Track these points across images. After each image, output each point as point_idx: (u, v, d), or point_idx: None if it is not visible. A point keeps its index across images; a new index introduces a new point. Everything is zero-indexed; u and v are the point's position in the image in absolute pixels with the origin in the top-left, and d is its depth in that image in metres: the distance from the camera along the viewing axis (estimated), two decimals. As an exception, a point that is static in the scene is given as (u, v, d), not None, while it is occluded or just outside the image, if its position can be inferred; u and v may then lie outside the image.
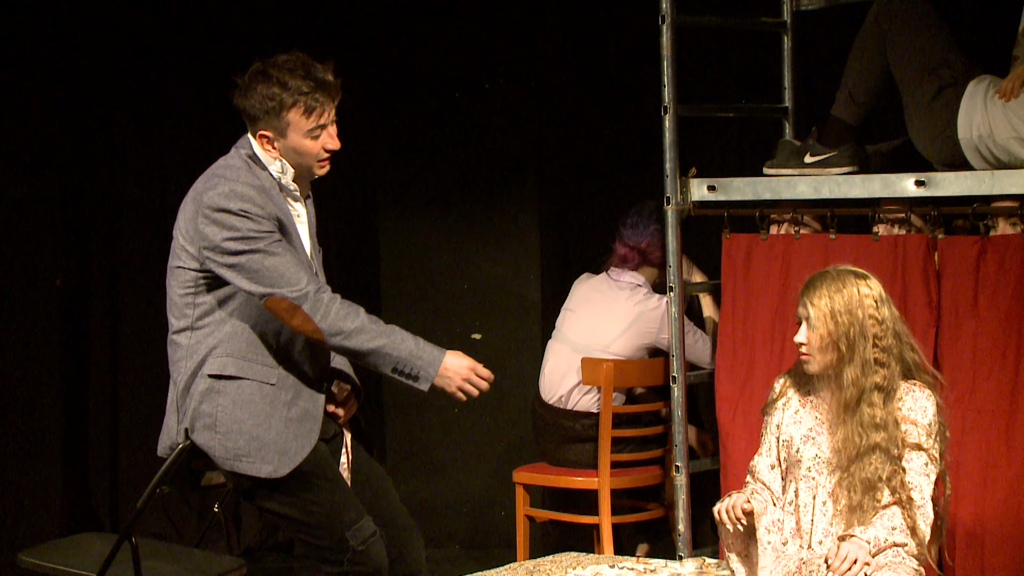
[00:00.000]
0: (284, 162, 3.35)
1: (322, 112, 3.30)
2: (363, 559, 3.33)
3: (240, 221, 3.24)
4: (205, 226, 3.27)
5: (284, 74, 3.28)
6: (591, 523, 4.77)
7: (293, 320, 3.24)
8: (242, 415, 3.30)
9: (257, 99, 3.30)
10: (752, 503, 3.40)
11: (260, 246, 3.24)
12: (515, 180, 5.55)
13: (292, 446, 3.30)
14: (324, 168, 3.39)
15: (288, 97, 3.28)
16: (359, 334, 3.26)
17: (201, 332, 3.33)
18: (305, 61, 3.31)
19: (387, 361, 3.27)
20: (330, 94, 3.31)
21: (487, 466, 5.58)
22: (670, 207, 4.44)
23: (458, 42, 5.55)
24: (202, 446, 3.32)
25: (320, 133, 3.33)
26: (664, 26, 4.36)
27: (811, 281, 3.42)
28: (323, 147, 3.35)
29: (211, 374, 3.31)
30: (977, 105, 3.99)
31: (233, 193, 3.26)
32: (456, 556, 5.55)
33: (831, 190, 4.23)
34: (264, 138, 3.34)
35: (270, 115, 3.30)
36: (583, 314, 4.85)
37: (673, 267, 4.44)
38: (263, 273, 3.24)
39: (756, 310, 4.41)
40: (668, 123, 4.39)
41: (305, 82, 3.28)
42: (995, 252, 4.02)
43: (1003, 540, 3.99)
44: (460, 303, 5.62)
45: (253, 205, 3.26)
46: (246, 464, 3.29)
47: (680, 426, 4.44)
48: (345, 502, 3.35)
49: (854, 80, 4.21)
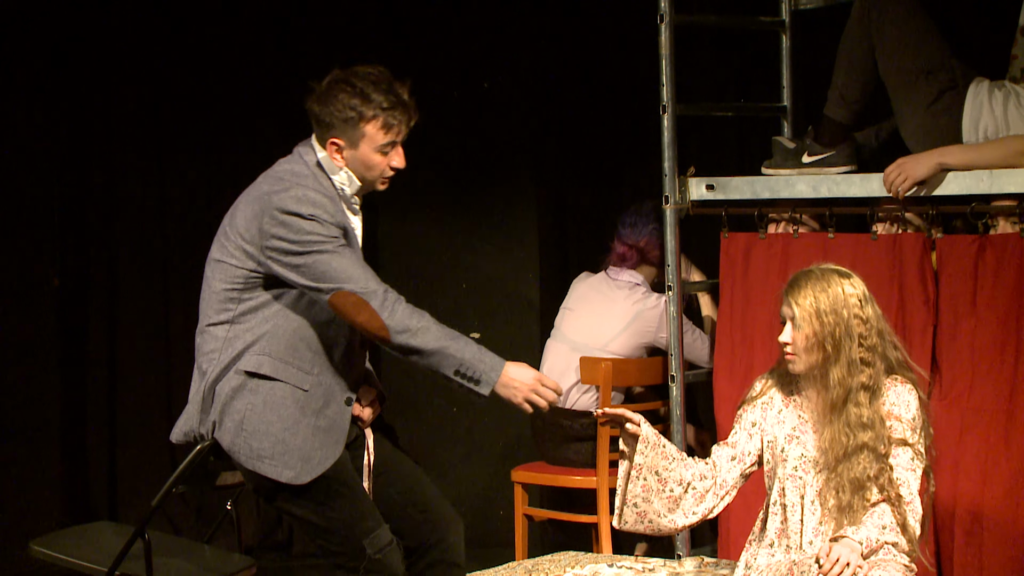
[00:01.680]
0: (350, 173, 3.36)
1: (398, 130, 3.33)
2: (379, 567, 3.32)
3: (310, 225, 3.25)
4: (272, 227, 3.26)
5: (368, 86, 3.31)
6: (590, 522, 4.76)
7: (360, 316, 3.23)
8: (271, 417, 3.28)
9: (336, 107, 3.31)
10: (643, 429, 3.40)
11: (328, 247, 3.25)
12: (513, 179, 5.55)
13: (317, 455, 3.30)
14: (385, 185, 3.42)
15: (368, 110, 3.30)
16: (425, 332, 3.26)
17: (241, 327, 3.31)
18: (388, 76, 3.34)
19: (450, 363, 3.26)
20: (408, 114, 3.34)
21: (486, 465, 5.58)
22: (669, 206, 4.44)
23: (456, 41, 5.54)
24: (226, 443, 3.30)
25: (390, 150, 3.35)
26: (663, 25, 4.36)
27: (795, 280, 3.40)
28: (390, 164, 3.37)
29: (246, 370, 3.29)
30: (983, 107, 3.99)
31: (305, 198, 3.26)
32: (455, 555, 5.54)
33: (829, 189, 4.23)
34: (334, 146, 3.35)
35: (347, 124, 3.31)
36: (582, 313, 4.85)
37: (672, 266, 4.43)
38: (330, 272, 3.23)
39: (754, 309, 4.41)
40: (667, 122, 4.39)
41: (387, 97, 3.31)
42: (993, 251, 4.02)
43: (1002, 538, 3.98)
44: (458, 302, 5.61)
45: (324, 211, 3.27)
46: (268, 466, 3.28)
47: (679, 425, 4.44)
48: (364, 510, 3.34)
49: (844, 80, 4.22)
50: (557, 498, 4.99)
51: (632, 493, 3.43)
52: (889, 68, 4.12)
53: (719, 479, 3.48)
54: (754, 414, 3.48)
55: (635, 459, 3.42)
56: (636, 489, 3.42)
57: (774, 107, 4.75)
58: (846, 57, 4.21)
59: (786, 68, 4.73)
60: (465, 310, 5.60)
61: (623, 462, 3.46)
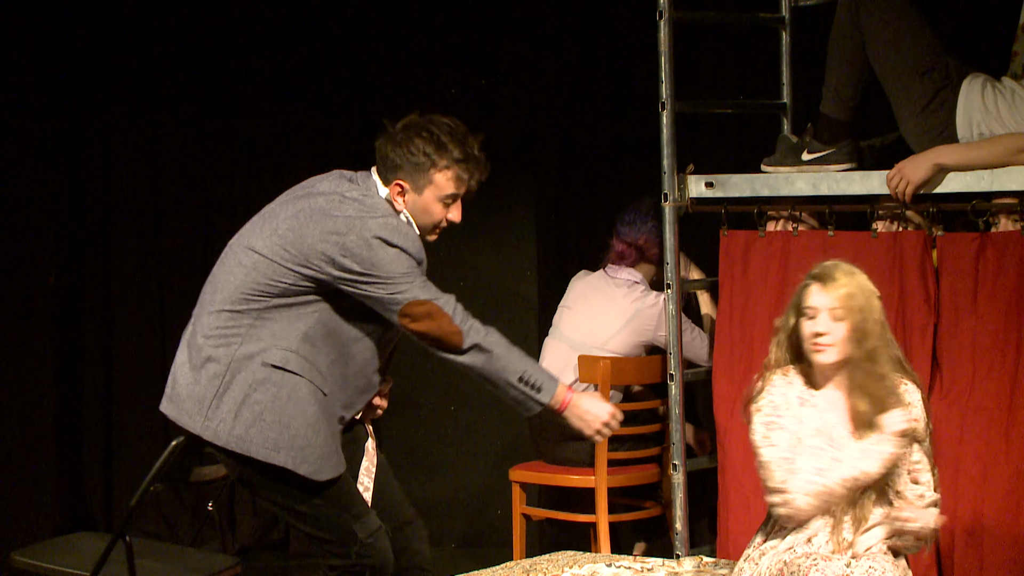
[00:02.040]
0: (409, 216, 3.37)
1: (466, 185, 3.36)
2: (370, 551, 3.32)
3: (393, 255, 3.26)
4: (358, 247, 3.26)
5: (445, 136, 3.33)
6: (588, 522, 4.75)
7: (436, 321, 3.26)
8: (293, 411, 3.27)
9: (411, 150, 3.32)
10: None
11: (403, 279, 3.27)
12: (512, 176, 5.53)
13: (334, 458, 3.31)
14: (434, 237, 3.43)
15: (442, 159, 3.32)
16: (493, 336, 3.33)
17: (271, 322, 3.29)
18: (465, 130, 3.37)
19: (516, 368, 3.31)
20: (479, 170, 3.37)
21: (483, 464, 5.57)
22: (668, 204, 4.42)
23: (454, 38, 5.53)
24: (240, 435, 3.26)
25: (452, 203, 3.37)
26: (662, 22, 4.34)
27: (827, 272, 3.39)
28: (447, 216, 3.39)
29: (273, 364, 3.28)
30: (975, 103, 3.98)
31: (398, 229, 3.29)
32: (452, 555, 5.53)
33: (830, 187, 4.22)
34: (398, 188, 3.35)
35: (417, 169, 3.33)
36: (580, 311, 4.84)
37: (670, 264, 4.42)
38: (410, 289, 3.27)
39: (754, 307, 4.40)
40: (666, 119, 4.37)
41: (462, 150, 3.34)
42: (994, 249, 4.02)
43: (1002, 538, 3.98)
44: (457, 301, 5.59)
45: (412, 245, 3.31)
46: (284, 456, 3.26)
47: (677, 424, 4.43)
48: (352, 494, 3.35)
49: (837, 77, 4.21)
50: (555, 497, 4.99)
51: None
52: (883, 68, 4.11)
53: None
54: (773, 412, 3.43)
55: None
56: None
57: (774, 104, 4.74)
58: (837, 55, 4.20)
59: (786, 65, 4.72)
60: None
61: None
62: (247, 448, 3.27)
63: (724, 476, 4.45)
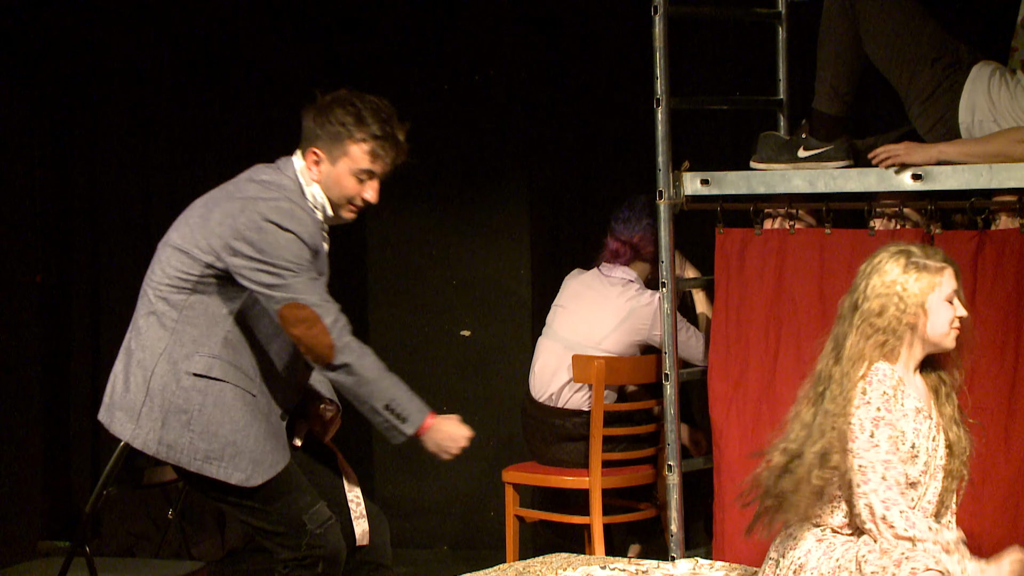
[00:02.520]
0: (320, 191, 3.35)
1: (382, 163, 3.34)
2: (321, 542, 3.31)
3: (286, 238, 3.24)
4: (248, 230, 3.25)
5: (367, 111, 3.32)
6: (582, 523, 4.73)
7: (311, 329, 3.23)
8: (221, 418, 3.28)
9: (329, 120, 3.31)
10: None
11: (292, 265, 3.24)
12: (505, 173, 5.52)
13: (268, 458, 3.29)
14: (351, 214, 3.41)
15: (358, 132, 3.31)
16: (367, 358, 3.28)
17: (187, 327, 3.30)
18: (392, 111, 3.35)
19: (384, 396, 3.29)
20: (396, 151, 3.35)
21: (476, 466, 5.55)
22: (663, 201, 4.40)
23: (447, 33, 5.50)
24: (170, 443, 3.28)
25: (366, 179, 3.35)
26: (657, 17, 4.32)
27: (946, 255, 3.30)
28: (362, 195, 3.37)
29: (196, 373, 3.28)
30: (980, 90, 3.97)
31: (292, 214, 3.27)
32: (445, 557, 5.53)
33: (827, 184, 4.20)
34: (314, 156, 3.34)
35: (334, 139, 3.32)
36: (574, 310, 4.82)
37: (666, 262, 4.40)
38: (293, 285, 3.23)
39: (750, 306, 4.38)
40: (661, 116, 4.35)
41: (382, 128, 3.32)
42: (993, 247, 4.01)
43: (1002, 539, 3.95)
44: (449, 299, 5.58)
45: (305, 231, 3.27)
46: (216, 467, 3.27)
47: (673, 424, 4.41)
48: (300, 486, 3.34)
49: (833, 72, 4.19)
50: (549, 499, 4.97)
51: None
52: (887, 58, 4.09)
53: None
54: (902, 417, 3.28)
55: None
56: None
57: (770, 100, 4.73)
58: (831, 49, 4.18)
59: (782, 61, 4.71)
60: (455, 307, 5.57)
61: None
62: (178, 458, 3.29)
63: (720, 477, 4.43)
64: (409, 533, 5.61)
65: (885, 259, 3.29)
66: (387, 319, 5.67)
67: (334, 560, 3.33)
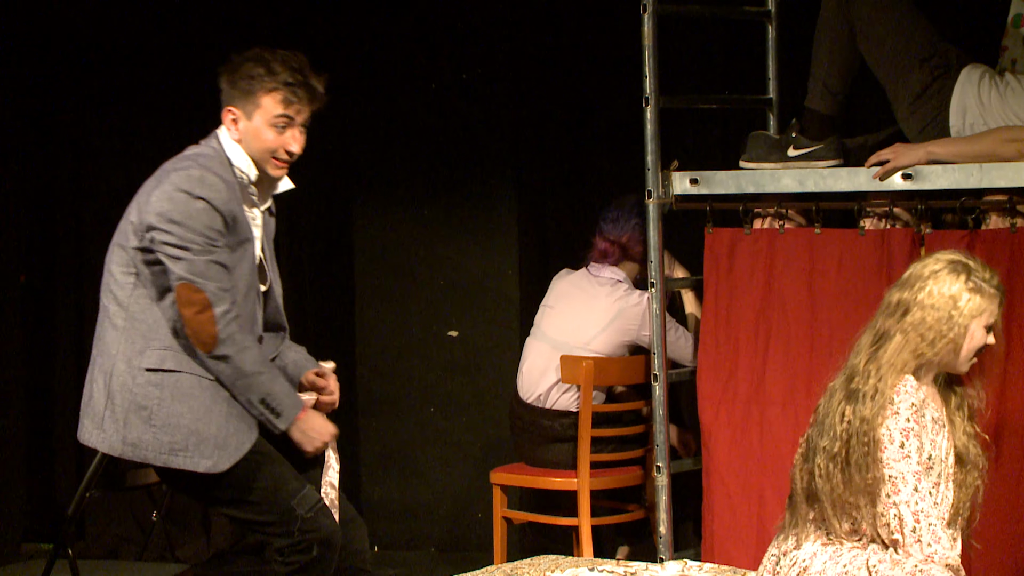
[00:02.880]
0: (247, 158, 3.34)
1: (295, 107, 3.33)
2: (314, 526, 3.30)
3: (197, 211, 3.25)
4: (161, 202, 3.27)
5: (275, 62, 3.32)
6: (570, 525, 4.71)
7: (200, 314, 3.24)
8: (180, 408, 3.28)
9: (240, 75, 3.32)
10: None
11: (200, 239, 3.25)
12: (493, 172, 5.50)
13: (232, 441, 3.29)
14: (280, 169, 3.39)
15: (268, 81, 3.31)
16: (247, 352, 3.29)
17: (136, 323, 3.30)
18: (301, 61, 3.35)
19: (260, 390, 3.29)
20: (310, 96, 3.34)
21: (464, 467, 5.53)
22: (651, 201, 4.38)
23: (435, 31, 5.48)
24: (134, 442, 3.28)
25: (285, 126, 3.34)
26: (646, 15, 4.30)
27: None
28: (284, 146, 3.35)
29: (148, 368, 3.28)
30: (970, 93, 3.97)
31: (202, 180, 3.27)
32: (432, 559, 5.51)
33: (816, 183, 4.19)
34: (230, 114, 3.36)
35: (246, 94, 3.32)
36: (562, 311, 4.80)
37: (654, 262, 4.38)
38: (196, 264, 3.24)
39: (739, 306, 4.36)
40: (650, 115, 4.33)
41: (292, 75, 3.32)
42: (983, 247, 3.99)
43: (992, 542, 3.93)
44: (436, 299, 5.56)
45: (217, 196, 3.27)
46: (182, 459, 3.27)
47: (661, 425, 4.39)
48: (285, 472, 3.33)
49: (826, 70, 4.18)
50: (537, 500, 4.96)
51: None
52: (879, 57, 4.08)
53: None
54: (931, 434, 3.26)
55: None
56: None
57: (760, 99, 4.71)
58: (826, 47, 4.17)
59: (772, 59, 4.69)
60: (442, 308, 5.55)
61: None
62: (144, 455, 3.29)
63: (709, 478, 4.41)
64: (396, 535, 5.59)
65: (945, 270, 3.21)
66: (374, 319, 5.65)
67: (328, 543, 3.32)
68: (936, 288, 3.19)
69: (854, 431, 3.19)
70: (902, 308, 3.22)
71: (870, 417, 3.17)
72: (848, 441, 3.18)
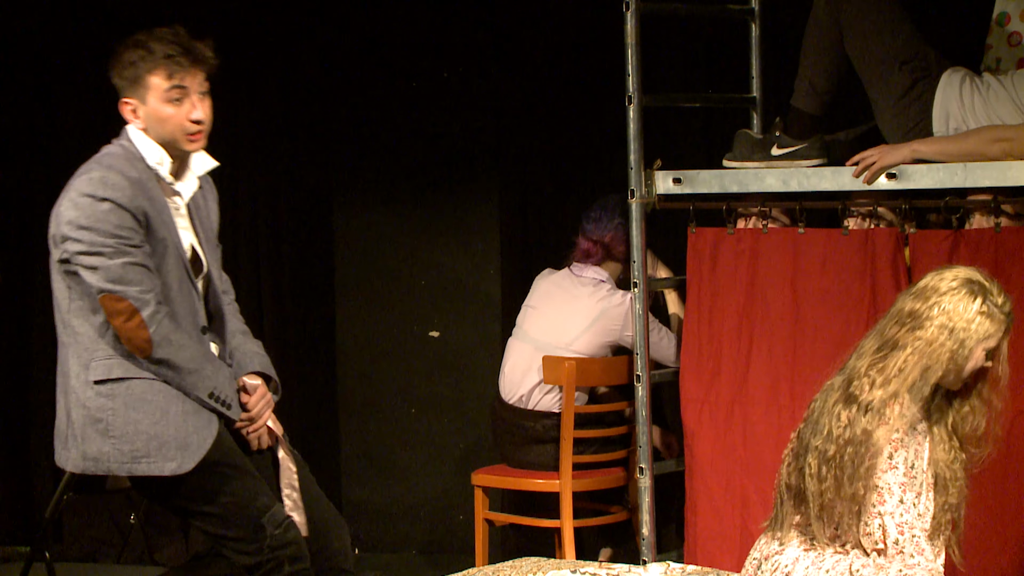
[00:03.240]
0: (157, 146, 3.29)
1: (183, 76, 3.27)
2: (282, 543, 3.26)
3: (103, 212, 3.19)
4: (68, 210, 3.22)
5: (152, 41, 3.28)
6: (552, 527, 4.69)
7: (128, 323, 3.20)
8: (136, 415, 3.23)
9: (122, 65, 3.28)
10: None
11: (111, 242, 3.20)
12: (475, 171, 5.48)
13: (193, 439, 3.24)
14: (195, 143, 3.32)
15: (150, 60, 3.27)
16: (185, 350, 3.24)
17: (78, 336, 3.26)
18: (178, 32, 3.31)
19: (206, 385, 3.25)
20: (196, 60, 3.29)
21: (445, 468, 5.51)
22: (634, 200, 4.37)
23: (415, 29, 5.45)
24: (95, 456, 3.25)
25: (181, 97, 3.28)
26: (628, 13, 4.29)
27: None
28: (188, 116, 3.29)
29: (97, 380, 3.24)
30: (952, 97, 3.96)
31: (104, 181, 3.22)
32: (413, 561, 5.49)
33: (800, 183, 4.17)
34: (128, 106, 3.31)
35: (134, 81, 3.28)
36: (544, 311, 4.77)
37: (637, 262, 4.36)
38: (112, 270, 3.19)
39: (723, 307, 4.35)
40: (632, 113, 4.31)
41: (171, 47, 3.27)
42: (968, 247, 3.99)
43: (979, 545, 3.92)
44: (417, 300, 5.54)
45: (122, 195, 3.21)
46: (145, 465, 3.22)
47: (644, 426, 4.37)
48: (256, 489, 3.29)
49: (813, 70, 4.17)
50: (519, 502, 4.93)
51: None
52: (862, 57, 4.07)
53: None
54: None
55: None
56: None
57: (743, 98, 4.69)
58: (814, 46, 4.16)
59: (755, 58, 4.68)
60: (424, 308, 5.53)
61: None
62: (108, 467, 3.25)
63: (692, 480, 4.39)
64: (377, 537, 5.56)
65: (963, 289, 3.16)
66: (355, 320, 5.62)
67: (298, 557, 3.28)
68: (951, 307, 3.15)
69: (851, 438, 3.16)
70: (913, 320, 3.18)
71: (870, 429, 3.14)
72: (844, 447, 3.16)
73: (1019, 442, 3.93)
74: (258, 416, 3.36)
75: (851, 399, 3.18)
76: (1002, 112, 3.94)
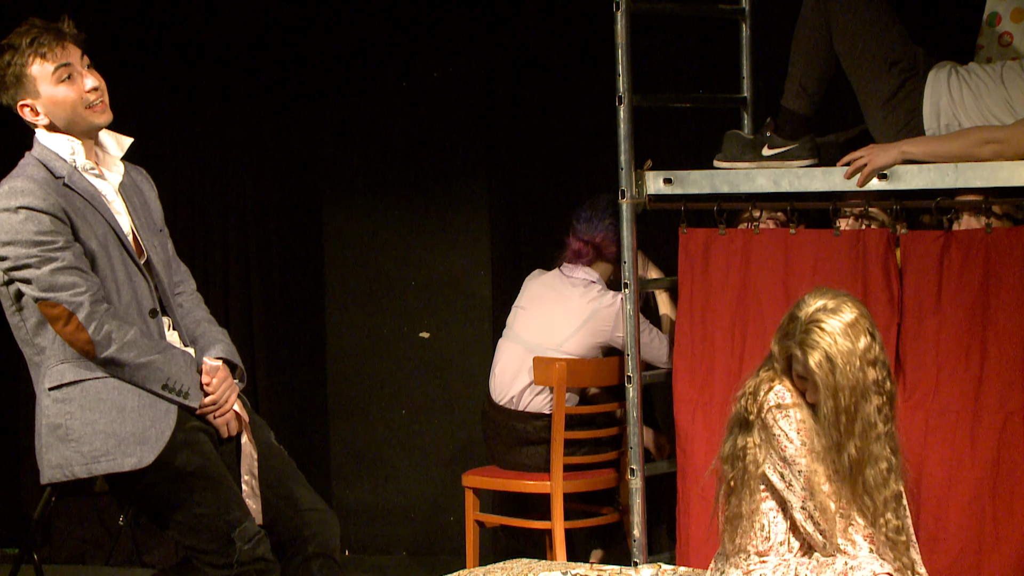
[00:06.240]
0: (66, 138, 3.28)
1: (59, 53, 3.26)
2: (251, 558, 3.25)
3: (20, 223, 3.18)
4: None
5: (12, 39, 3.28)
6: (543, 528, 4.69)
7: (67, 327, 3.19)
8: (93, 416, 3.22)
9: (2, 75, 3.27)
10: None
11: (35, 251, 3.18)
12: (465, 172, 5.48)
13: (151, 433, 3.23)
14: (101, 114, 3.31)
15: (21, 54, 3.26)
16: (131, 347, 3.22)
17: (41, 349, 3.25)
18: (32, 21, 3.30)
19: (159, 377, 3.23)
20: (60, 36, 3.27)
21: (436, 470, 5.50)
22: (625, 200, 4.36)
23: (405, 29, 5.45)
24: (59, 463, 3.24)
25: (70, 74, 3.27)
26: (619, 13, 4.29)
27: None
28: (81, 92, 3.28)
29: (51, 387, 3.23)
30: (942, 94, 3.97)
31: (12, 190, 3.20)
32: (404, 563, 5.49)
33: (791, 183, 4.18)
34: (27, 108, 3.29)
35: (18, 81, 3.27)
36: (535, 312, 4.77)
37: (628, 263, 4.36)
38: (41, 279, 3.18)
39: (715, 307, 4.35)
40: (623, 114, 4.31)
41: (31, 34, 3.27)
42: (959, 247, 4.01)
43: (967, 543, 3.94)
44: (408, 301, 5.53)
45: (34, 199, 3.19)
46: (105, 463, 3.21)
47: (636, 428, 4.37)
48: (229, 502, 3.27)
49: (803, 70, 4.18)
50: (509, 503, 4.93)
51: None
52: (851, 58, 4.08)
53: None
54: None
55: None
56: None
57: (734, 98, 4.70)
58: (803, 46, 4.17)
59: (746, 58, 4.69)
60: (414, 309, 5.52)
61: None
62: (72, 471, 3.24)
63: (684, 481, 4.39)
64: (368, 538, 5.55)
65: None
66: (345, 320, 5.61)
67: (266, 572, 3.27)
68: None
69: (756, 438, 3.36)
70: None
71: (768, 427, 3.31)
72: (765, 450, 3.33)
73: (1010, 443, 3.95)
74: (222, 399, 3.33)
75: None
76: (994, 107, 3.94)
